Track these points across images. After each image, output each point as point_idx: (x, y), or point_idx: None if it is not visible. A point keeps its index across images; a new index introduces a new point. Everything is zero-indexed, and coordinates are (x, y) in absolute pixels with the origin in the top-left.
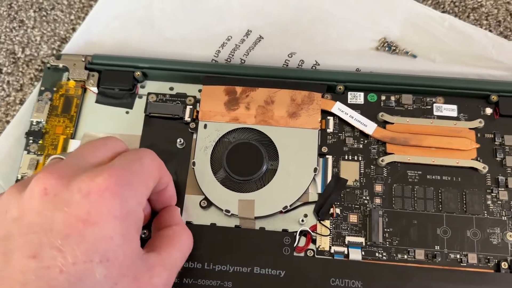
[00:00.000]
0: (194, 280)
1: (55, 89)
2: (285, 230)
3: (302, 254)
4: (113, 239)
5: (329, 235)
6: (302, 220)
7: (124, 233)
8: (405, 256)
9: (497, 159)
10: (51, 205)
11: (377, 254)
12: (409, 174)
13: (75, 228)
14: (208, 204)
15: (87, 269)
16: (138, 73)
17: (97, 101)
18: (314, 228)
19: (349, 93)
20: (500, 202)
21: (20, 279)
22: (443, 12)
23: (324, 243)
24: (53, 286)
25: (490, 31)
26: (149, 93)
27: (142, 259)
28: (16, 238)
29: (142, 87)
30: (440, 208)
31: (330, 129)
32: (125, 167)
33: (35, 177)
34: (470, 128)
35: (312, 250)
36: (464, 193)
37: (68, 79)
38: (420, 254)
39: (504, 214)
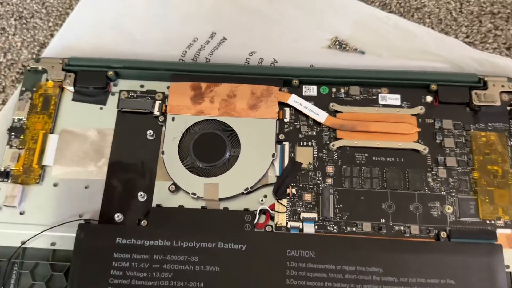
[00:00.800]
0: (164, 256)
1: (35, 89)
2: (246, 209)
3: (262, 230)
4: None
5: (286, 212)
6: (262, 200)
7: None
8: (354, 229)
9: (437, 141)
10: None
11: (328, 228)
12: (357, 156)
13: None
14: (176, 188)
15: None
16: (111, 73)
17: (73, 99)
18: (272, 206)
19: (303, 86)
20: (439, 179)
21: None
22: (389, 12)
23: (281, 219)
24: None
25: (432, 28)
26: (121, 91)
27: None
28: None
29: (115, 85)
30: (385, 186)
31: (287, 118)
32: None
33: None
34: (412, 115)
35: (271, 226)
36: (406, 172)
37: (47, 80)
38: (367, 226)
39: (443, 190)
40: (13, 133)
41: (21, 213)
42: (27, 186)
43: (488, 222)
